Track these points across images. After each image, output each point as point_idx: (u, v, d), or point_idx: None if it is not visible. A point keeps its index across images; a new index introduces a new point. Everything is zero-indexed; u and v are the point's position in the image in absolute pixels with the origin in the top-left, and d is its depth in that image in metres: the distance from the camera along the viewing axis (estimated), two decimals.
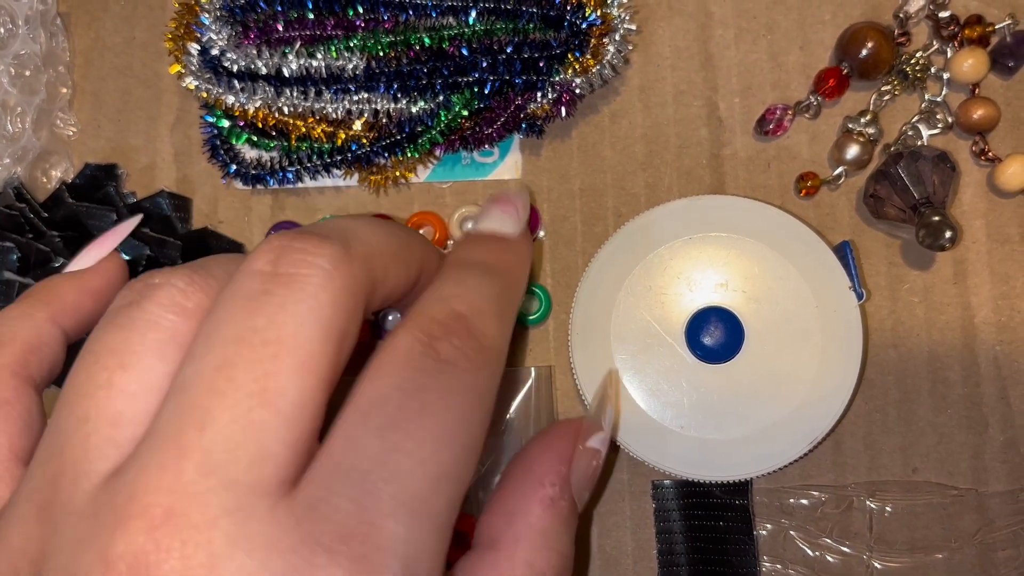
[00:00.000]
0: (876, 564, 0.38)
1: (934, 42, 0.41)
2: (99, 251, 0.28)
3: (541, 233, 0.41)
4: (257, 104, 0.38)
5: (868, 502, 0.38)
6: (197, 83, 0.39)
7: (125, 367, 0.18)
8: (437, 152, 0.40)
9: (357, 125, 0.39)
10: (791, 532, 0.38)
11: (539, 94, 0.39)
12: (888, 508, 0.38)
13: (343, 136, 0.39)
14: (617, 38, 0.38)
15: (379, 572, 0.17)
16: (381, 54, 0.38)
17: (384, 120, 0.39)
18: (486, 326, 0.21)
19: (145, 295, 0.19)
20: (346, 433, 0.18)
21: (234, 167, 0.40)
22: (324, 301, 0.18)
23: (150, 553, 0.16)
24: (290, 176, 0.40)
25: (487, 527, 0.24)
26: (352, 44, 0.38)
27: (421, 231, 0.40)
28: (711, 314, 0.36)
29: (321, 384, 0.18)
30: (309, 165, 0.40)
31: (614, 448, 0.38)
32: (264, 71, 0.38)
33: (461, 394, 0.19)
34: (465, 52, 0.37)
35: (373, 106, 0.38)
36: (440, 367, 0.19)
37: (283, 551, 0.16)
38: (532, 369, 0.39)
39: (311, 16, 0.38)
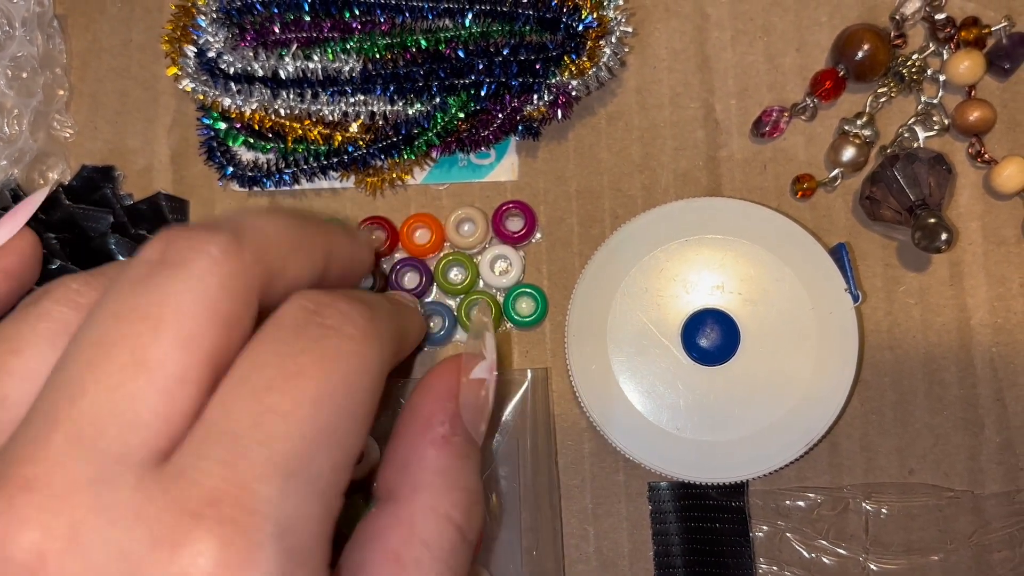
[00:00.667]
0: (872, 566, 0.38)
1: (930, 44, 0.41)
2: (8, 229, 0.27)
3: (538, 235, 0.41)
4: (254, 106, 0.38)
5: (864, 504, 0.38)
6: (194, 85, 0.39)
7: (15, 352, 0.18)
8: (434, 154, 0.40)
9: (354, 127, 0.39)
10: (787, 534, 0.38)
11: (535, 96, 0.39)
12: (884, 510, 0.38)
13: (339, 138, 0.39)
14: (613, 40, 0.38)
15: (251, 536, 0.16)
16: (377, 56, 0.38)
17: (380, 122, 0.39)
18: (377, 313, 0.21)
19: (43, 295, 0.19)
20: (221, 398, 0.18)
21: (231, 169, 0.40)
22: (210, 283, 0.18)
23: (10, 523, 0.15)
24: (287, 178, 0.40)
25: (383, 481, 0.23)
26: (348, 46, 0.38)
27: (417, 233, 0.40)
28: (707, 316, 0.36)
29: (205, 362, 0.18)
30: (306, 167, 0.40)
31: (609, 449, 0.38)
32: (261, 73, 0.38)
33: (344, 359, 0.19)
34: (461, 54, 0.37)
35: (370, 108, 0.38)
36: (323, 332, 0.19)
37: (148, 519, 0.16)
38: (528, 371, 0.39)
39: (307, 18, 0.38)
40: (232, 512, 0.16)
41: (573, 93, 0.39)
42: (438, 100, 0.38)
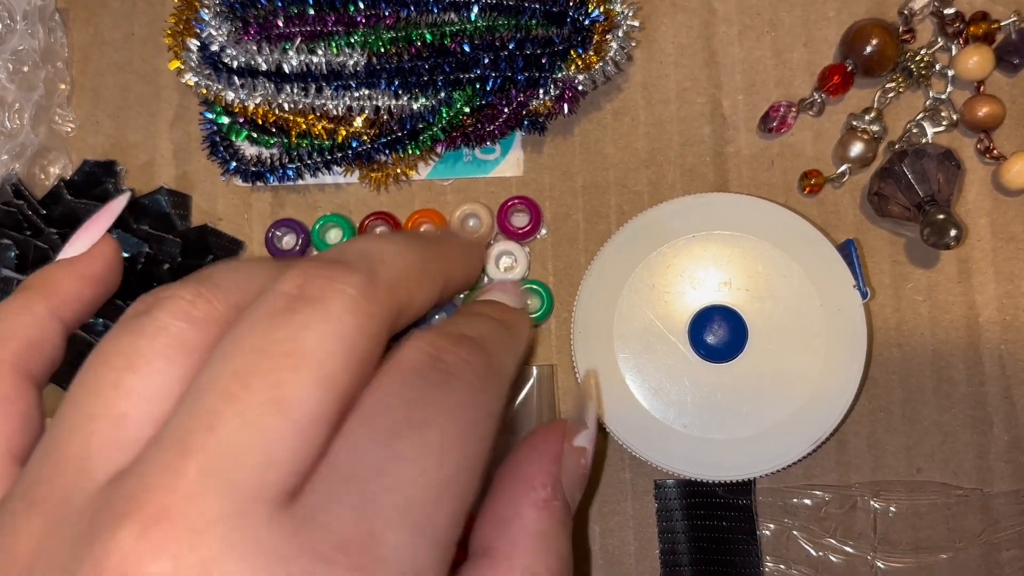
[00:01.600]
0: (880, 564, 0.37)
1: (939, 39, 0.41)
2: (91, 235, 0.27)
3: (543, 231, 0.40)
4: (257, 100, 0.38)
5: (872, 502, 0.38)
6: (197, 79, 0.38)
7: (133, 369, 0.18)
8: (438, 149, 0.40)
9: (358, 122, 0.39)
10: (794, 532, 0.38)
11: (541, 91, 0.38)
12: (892, 508, 0.38)
13: (344, 133, 0.39)
14: (620, 34, 0.38)
15: None
16: (382, 50, 0.37)
17: (385, 117, 0.39)
18: (495, 349, 0.21)
19: (155, 305, 0.19)
20: (349, 441, 0.18)
21: (234, 164, 0.40)
22: (349, 323, 0.18)
23: (142, 554, 0.15)
24: (290, 173, 0.40)
25: (481, 536, 0.23)
26: (353, 40, 0.37)
27: (422, 228, 0.40)
28: (714, 313, 0.36)
29: (339, 402, 0.18)
30: (309, 162, 0.39)
31: (615, 447, 0.38)
32: (264, 67, 0.37)
33: (467, 407, 0.19)
34: (467, 48, 0.37)
35: (374, 103, 0.38)
36: (446, 379, 0.19)
37: (279, 559, 0.16)
38: (534, 368, 0.39)
39: (311, 12, 0.38)
40: (362, 559, 0.16)
41: (579, 88, 0.39)
42: (443, 95, 0.38)
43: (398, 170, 0.40)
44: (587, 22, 0.37)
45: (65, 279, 0.25)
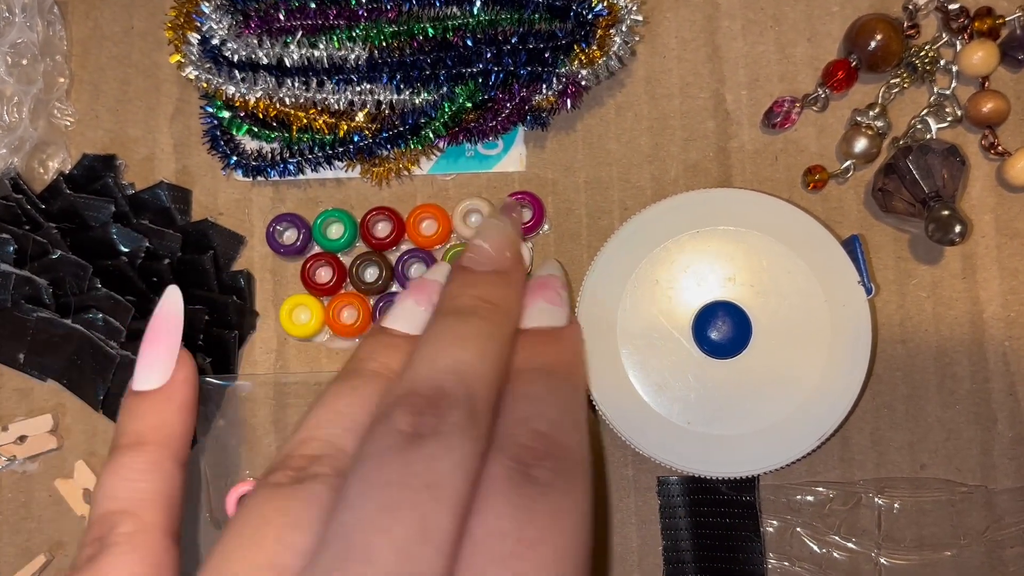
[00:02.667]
0: (884, 561, 0.37)
1: (943, 34, 0.40)
2: (167, 355, 0.26)
3: (546, 227, 0.40)
4: (258, 94, 0.38)
5: (876, 499, 0.38)
6: (197, 73, 0.38)
7: (296, 528, 0.20)
8: (440, 144, 0.40)
9: (359, 116, 0.39)
10: (798, 529, 0.38)
11: (544, 86, 0.38)
12: (896, 505, 0.38)
13: (345, 127, 0.39)
14: (623, 29, 0.38)
15: None
16: (384, 44, 0.37)
17: (387, 111, 0.38)
18: (569, 439, 0.22)
19: (303, 478, 0.21)
20: (472, 563, 0.19)
21: (234, 158, 0.40)
22: (468, 451, 0.20)
23: None
24: (291, 168, 0.40)
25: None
26: (355, 34, 0.37)
27: (424, 223, 0.40)
28: (718, 308, 0.36)
29: (462, 519, 0.19)
30: (311, 157, 0.39)
31: (618, 443, 0.38)
32: (265, 61, 0.37)
33: (567, 514, 0.20)
34: (469, 42, 0.37)
35: (376, 97, 0.38)
36: (542, 491, 0.20)
37: None
38: None
39: (313, 5, 0.38)
40: None
41: (582, 83, 0.38)
42: (445, 89, 0.38)
43: (400, 165, 0.40)
44: (590, 16, 0.37)
45: (173, 420, 0.25)
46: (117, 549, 0.21)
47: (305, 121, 0.38)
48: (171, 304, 0.26)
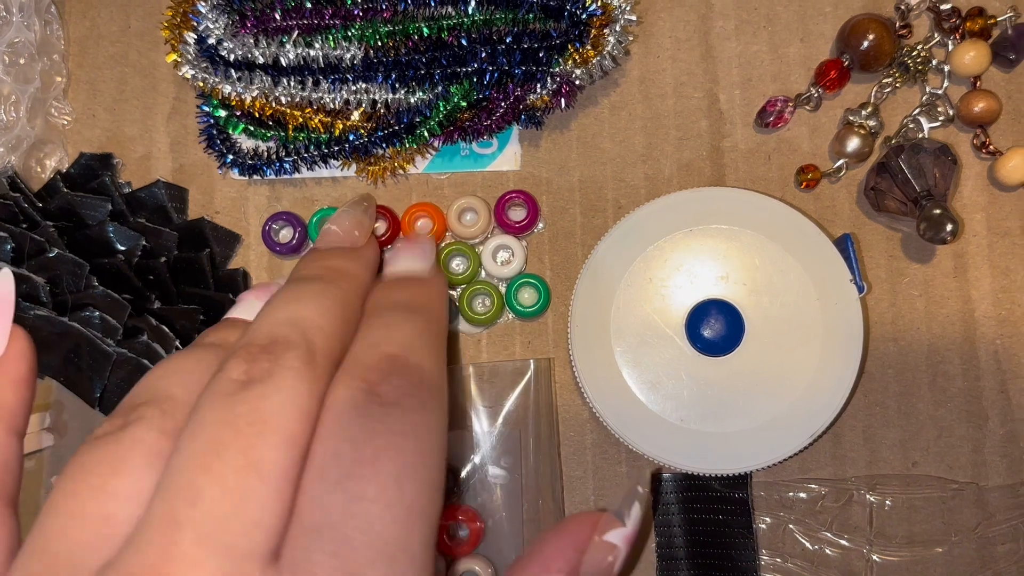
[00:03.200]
0: (875, 558, 0.37)
1: (935, 34, 0.41)
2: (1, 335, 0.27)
3: (540, 225, 0.40)
4: (254, 93, 0.38)
5: (868, 496, 0.38)
6: (193, 72, 0.38)
7: (117, 473, 0.19)
8: (435, 143, 0.40)
9: (355, 115, 0.39)
10: (790, 525, 0.38)
11: (539, 85, 0.38)
12: (888, 502, 0.38)
13: (341, 126, 0.39)
14: (617, 29, 0.38)
15: None
16: (379, 44, 0.37)
17: (382, 110, 0.39)
18: (421, 360, 0.22)
19: (127, 424, 0.20)
20: (309, 494, 0.18)
21: (231, 157, 0.40)
22: (301, 391, 0.19)
23: None
24: (287, 166, 0.40)
25: None
26: (350, 33, 0.37)
27: (419, 222, 0.40)
28: (711, 307, 0.36)
29: (300, 460, 0.19)
30: (306, 155, 0.39)
31: (611, 440, 0.38)
32: (261, 60, 0.37)
33: (412, 433, 0.20)
34: (464, 42, 0.37)
35: (371, 96, 0.38)
36: (386, 410, 0.20)
37: None
38: (531, 362, 0.39)
39: (309, 5, 0.38)
40: None
41: (576, 82, 0.39)
42: (440, 88, 0.38)
43: (395, 164, 0.40)
44: (584, 16, 0.37)
45: (5, 392, 0.25)
46: None
47: (301, 120, 0.39)
48: (3, 288, 0.28)
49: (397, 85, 0.38)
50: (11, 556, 0.22)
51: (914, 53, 0.40)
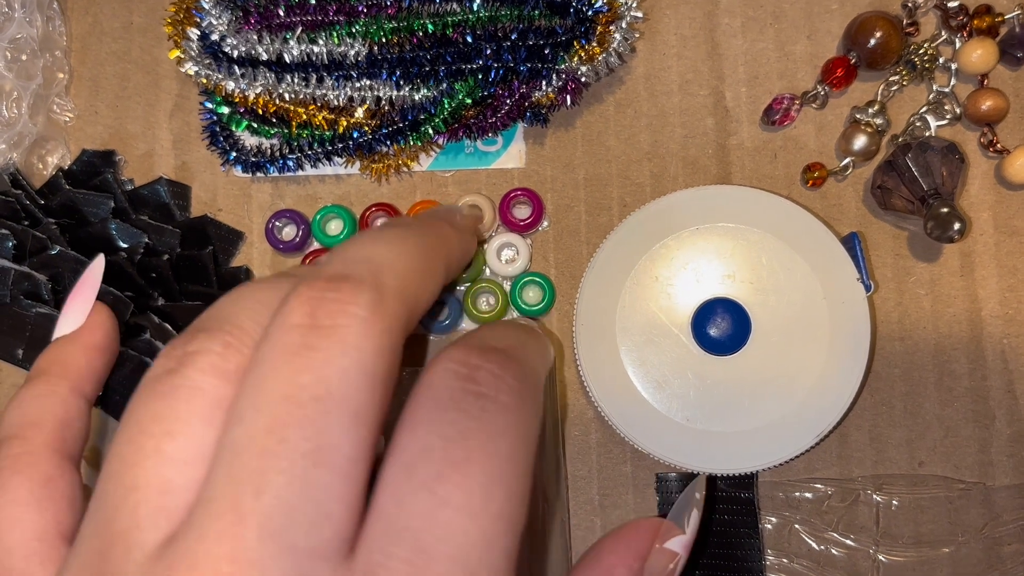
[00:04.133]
0: (882, 558, 0.37)
1: (942, 32, 0.40)
2: (83, 306, 0.28)
3: (545, 223, 0.40)
4: (258, 90, 0.38)
5: (874, 496, 0.38)
6: (197, 69, 0.38)
7: (172, 434, 0.18)
8: (440, 140, 0.40)
9: (359, 112, 0.39)
10: (796, 525, 0.38)
11: (544, 82, 0.38)
12: (894, 502, 0.38)
13: (345, 123, 0.39)
14: (623, 26, 0.38)
15: None
16: (384, 40, 0.37)
17: (386, 107, 0.38)
18: (524, 355, 0.20)
19: (184, 362, 0.19)
20: (393, 490, 0.17)
21: (234, 154, 0.40)
22: (367, 350, 0.18)
23: None
24: (291, 163, 0.40)
25: None
26: (354, 30, 0.37)
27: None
28: (718, 305, 0.36)
29: (371, 434, 0.18)
30: (310, 152, 0.39)
31: (616, 440, 0.38)
32: (265, 57, 0.37)
33: (505, 434, 0.18)
34: (469, 39, 0.37)
35: (375, 93, 0.38)
36: (482, 404, 0.19)
37: None
38: None
39: (313, 1, 0.38)
40: None
41: (582, 79, 0.38)
42: (445, 85, 0.38)
43: (399, 161, 0.40)
44: (590, 13, 0.37)
45: (76, 356, 0.25)
46: (1, 473, 0.21)
47: (304, 117, 0.38)
48: (94, 269, 0.29)
49: (401, 82, 0.38)
50: (72, 510, 0.21)
51: (921, 51, 0.40)
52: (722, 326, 0.36)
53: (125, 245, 0.39)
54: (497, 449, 0.18)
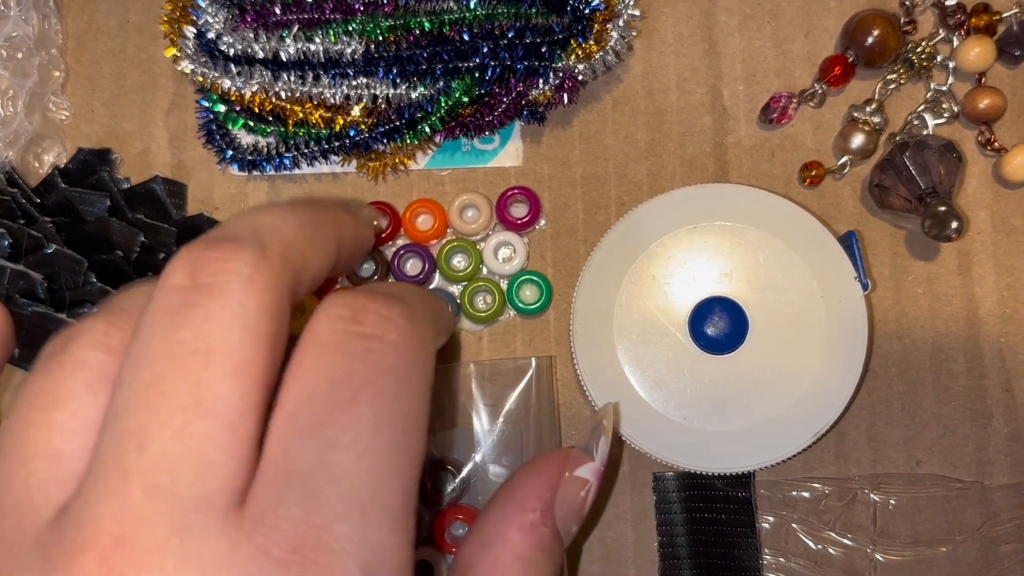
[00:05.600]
0: (879, 557, 0.37)
1: (940, 30, 0.40)
2: None
3: (542, 222, 0.40)
4: (254, 88, 0.38)
5: (871, 495, 0.38)
6: (193, 67, 0.38)
7: (59, 405, 0.18)
8: (437, 139, 0.40)
9: (355, 111, 0.38)
10: (793, 525, 0.38)
11: (541, 80, 0.38)
12: (892, 501, 0.38)
13: (341, 122, 0.38)
14: (620, 24, 0.38)
15: None
16: (380, 38, 0.37)
17: (383, 106, 0.38)
18: (413, 301, 0.20)
19: (70, 342, 0.19)
20: (280, 437, 0.17)
21: (230, 153, 0.40)
22: (249, 305, 0.17)
23: None
24: (287, 162, 0.39)
25: (465, 553, 0.23)
26: (351, 28, 0.37)
27: (420, 218, 0.40)
28: (715, 304, 0.36)
29: (258, 388, 0.17)
30: (306, 151, 0.39)
31: (616, 439, 0.38)
32: (261, 55, 0.37)
33: (392, 372, 0.18)
34: (466, 37, 0.37)
35: (372, 91, 0.38)
36: (367, 344, 0.18)
37: (235, 567, 0.16)
38: (532, 359, 0.39)
39: None
40: (316, 555, 0.16)
41: (579, 77, 0.38)
42: (442, 83, 0.38)
43: (396, 160, 0.40)
44: (587, 11, 0.37)
45: None
46: None
47: (301, 115, 0.38)
48: None
49: (398, 80, 0.38)
50: None
51: (919, 49, 0.40)
52: (719, 325, 0.36)
53: (121, 244, 0.39)
54: (385, 386, 0.18)
